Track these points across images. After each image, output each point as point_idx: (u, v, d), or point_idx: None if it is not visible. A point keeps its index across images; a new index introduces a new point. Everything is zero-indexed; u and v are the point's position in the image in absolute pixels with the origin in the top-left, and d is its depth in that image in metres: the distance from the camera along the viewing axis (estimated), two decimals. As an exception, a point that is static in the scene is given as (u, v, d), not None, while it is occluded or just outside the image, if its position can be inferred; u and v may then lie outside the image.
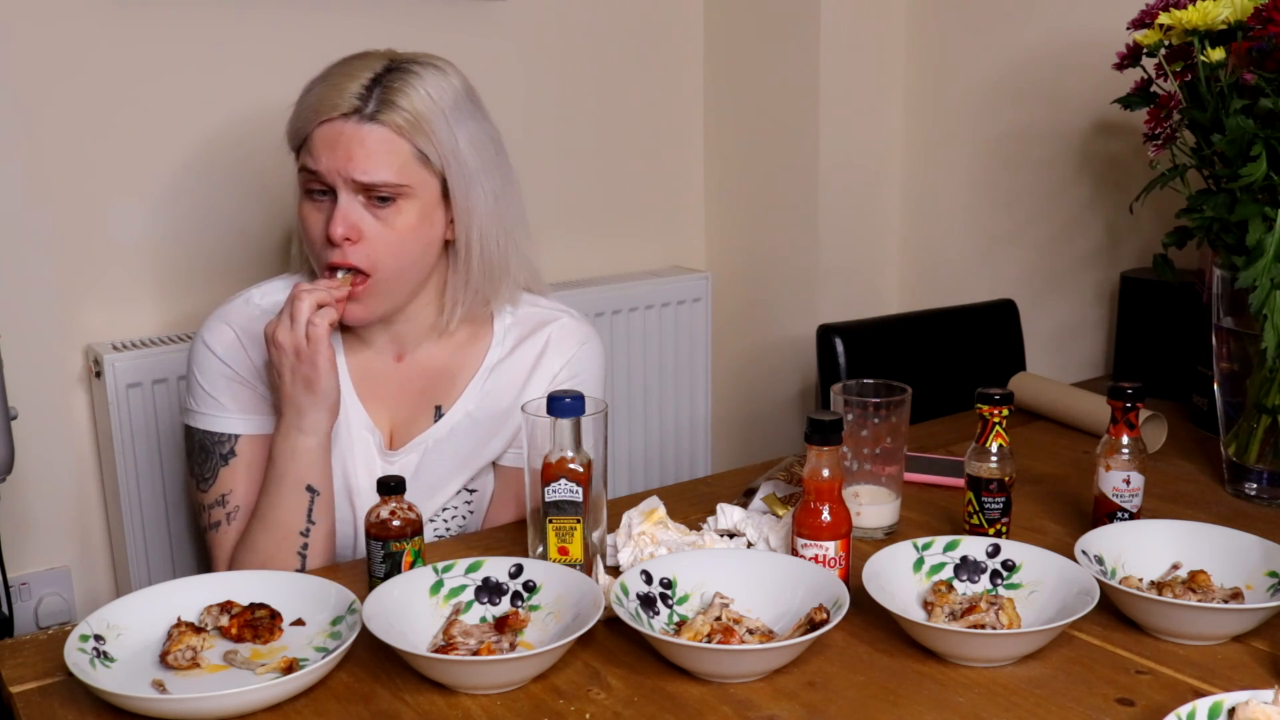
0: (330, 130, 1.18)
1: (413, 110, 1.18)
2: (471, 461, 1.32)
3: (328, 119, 1.18)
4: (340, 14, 1.84)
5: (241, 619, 1.00)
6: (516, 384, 1.31)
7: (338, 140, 1.17)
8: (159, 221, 1.77)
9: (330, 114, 1.18)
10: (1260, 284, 1.21)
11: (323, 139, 1.18)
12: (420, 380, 1.31)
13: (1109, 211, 1.91)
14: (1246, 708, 0.80)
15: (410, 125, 1.18)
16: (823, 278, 2.18)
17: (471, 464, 1.32)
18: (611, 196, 2.25)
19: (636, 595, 1.01)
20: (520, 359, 1.32)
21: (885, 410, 1.21)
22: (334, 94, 1.18)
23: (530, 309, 1.36)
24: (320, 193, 1.20)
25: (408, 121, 1.18)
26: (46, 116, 1.66)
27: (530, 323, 1.34)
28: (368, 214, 1.19)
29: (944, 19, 2.12)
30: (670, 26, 2.26)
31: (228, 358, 1.26)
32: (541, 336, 1.33)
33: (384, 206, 1.19)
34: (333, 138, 1.18)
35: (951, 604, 1.02)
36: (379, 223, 1.20)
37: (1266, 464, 1.31)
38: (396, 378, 1.31)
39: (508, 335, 1.34)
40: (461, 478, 1.32)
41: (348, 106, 1.17)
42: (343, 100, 1.17)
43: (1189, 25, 1.35)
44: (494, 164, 1.26)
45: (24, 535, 1.71)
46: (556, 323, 1.34)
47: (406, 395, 1.31)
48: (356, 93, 1.18)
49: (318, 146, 1.18)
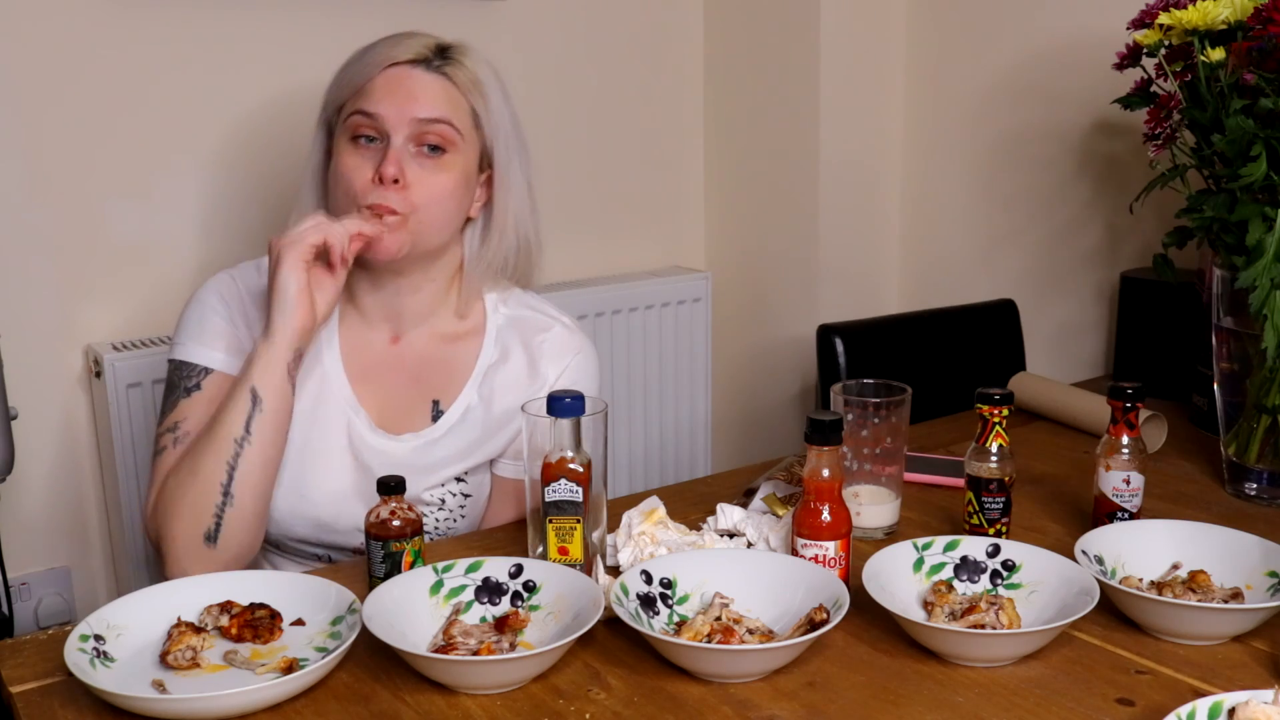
0: (395, 74, 1.22)
1: (476, 72, 1.26)
2: (466, 457, 1.32)
3: (394, 63, 1.23)
4: (341, 14, 1.84)
5: (241, 619, 1.00)
6: (512, 392, 1.31)
7: (402, 83, 1.22)
8: (159, 221, 1.77)
9: (399, 59, 1.23)
10: (1260, 284, 1.21)
11: (386, 83, 1.22)
12: (414, 367, 1.32)
13: (1109, 211, 1.91)
14: (1246, 708, 0.80)
15: (473, 85, 1.25)
16: (823, 278, 2.18)
17: (465, 459, 1.32)
18: (611, 196, 2.25)
19: (636, 595, 1.01)
20: (515, 366, 1.33)
21: (885, 410, 1.21)
22: (401, 47, 1.24)
23: (524, 311, 1.36)
24: (369, 139, 1.23)
25: (471, 81, 1.25)
26: (47, 116, 1.66)
27: (524, 328, 1.34)
28: (415, 163, 1.22)
29: (944, 19, 2.12)
30: (670, 27, 2.26)
31: (225, 298, 1.29)
32: (535, 345, 1.33)
33: (434, 156, 1.23)
34: (397, 81, 1.22)
35: (951, 604, 1.02)
36: (425, 171, 1.23)
37: (1266, 464, 1.31)
38: (390, 360, 1.31)
39: (500, 336, 1.34)
40: (454, 469, 1.31)
41: (416, 55, 1.23)
42: (409, 51, 1.23)
43: (1189, 25, 1.35)
44: (527, 154, 1.32)
45: (24, 535, 1.71)
46: (550, 332, 1.34)
47: (399, 379, 1.31)
48: (426, 46, 1.24)
49: (379, 90, 1.22)
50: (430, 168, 1.23)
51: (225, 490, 1.16)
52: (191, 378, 1.25)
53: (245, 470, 1.17)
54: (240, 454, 1.16)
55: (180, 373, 1.26)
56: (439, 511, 1.32)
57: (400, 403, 1.31)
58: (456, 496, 1.33)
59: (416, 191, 1.22)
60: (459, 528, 1.34)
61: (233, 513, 1.17)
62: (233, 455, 1.16)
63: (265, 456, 1.18)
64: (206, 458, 1.16)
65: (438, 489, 1.31)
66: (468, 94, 1.25)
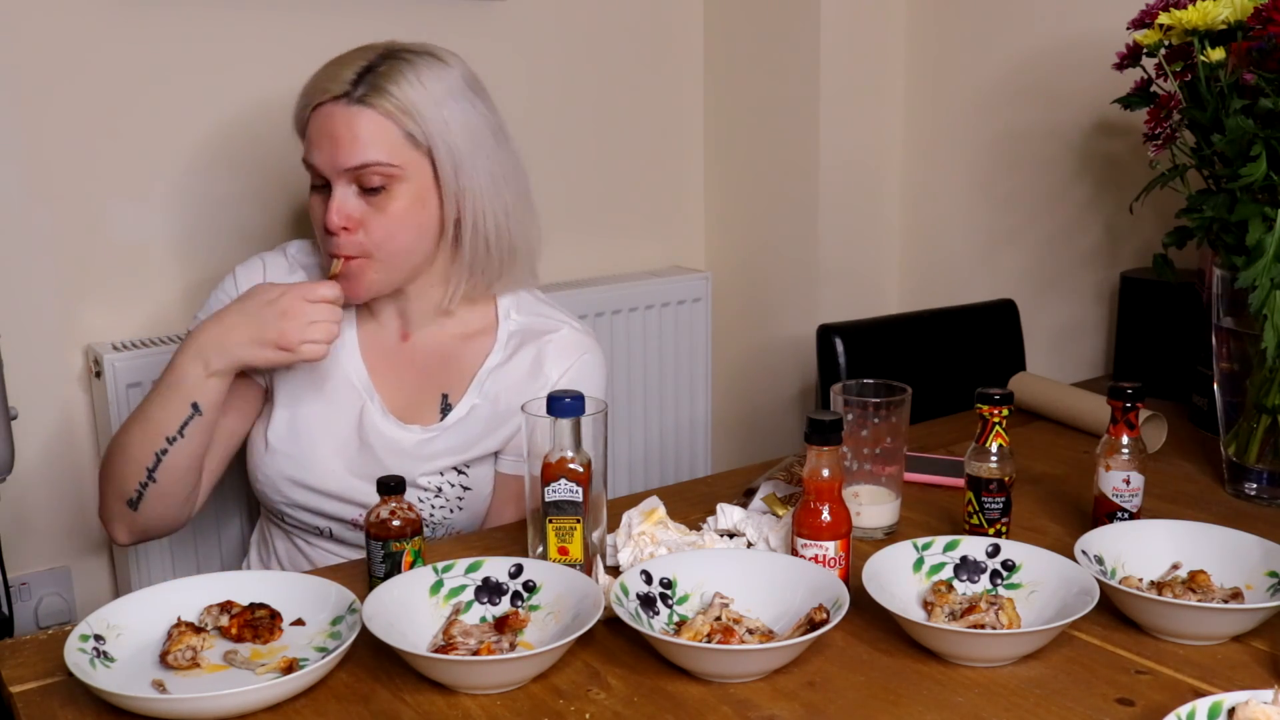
0: (322, 115, 1.23)
1: (400, 95, 1.22)
2: (467, 450, 1.34)
3: (320, 103, 1.23)
4: (341, 14, 1.84)
5: (241, 619, 1.00)
6: (515, 389, 1.32)
7: (326, 128, 1.23)
8: (159, 221, 1.77)
9: (322, 97, 1.23)
10: (1260, 284, 1.21)
11: (316, 126, 1.24)
12: (425, 361, 1.35)
13: (1109, 211, 1.91)
14: (1246, 708, 0.80)
15: (397, 109, 1.22)
16: (823, 278, 2.18)
17: (466, 452, 1.34)
18: (611, 196, 2.25)
19: (636, 595, 1.01)
20: (519, 364, 1.34)
21: (885, 410, 1.21)
22: (326, 79, 1.24)
23: (534, 317, 1.37)
24: (321, 186, 1.26)
25: (395, 105, 1.22)
26: (47, 116, 1.66)
27: (533, 331, 1.36)
28: (361, 202, 1.24)
29: (944, 19, 2.12)
30: (670, 26, 2.26)
31: (246, 284, 1.32)
32: (541, 345, 1.34)
33: (376, 195, 1.24)
34: (324, 126, 1.23)
35: (951, 604, 1.02)
36: (373, 209, 1.24)
37: (1266, 464, 1.31)
38: (402, 355, 1.35)
39: (511, 340, 1.35)
40: (453, 460, 1.33)
41: (338, 90, 1.22)
42: (334, 85, 1.23)
43: (1189, 25, 1.35)
44: (492, 150, 1.29)
45: (24, 535, 1.71)
46: (558, 333, 1.35)
47: (411, 374, 1.35)
48: (349, 78, 1.23)
49: (313, 136, 1.24)
50: (378, 204, 1.24)
51: (149, 472, 1.23)
52: None
53: (170, 463, 1.23)
54: (168, 450, 1.23)
55: None
56: (435, 499, 1.33)
57: (411, 394, 1.34)
58: (455, 487, 1.34)
59: (371, 231, 1.24)
60: (456, 520, 1.35)
61: (154, 489, 1.24)
62: (160, 449, 1.22)
63: (191, 451, 1.24)
64: (135, 440, 1.23)
65: (435, 477, 1.33)
66: (397, 119, 1.22)
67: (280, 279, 1.33)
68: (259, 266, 1.36)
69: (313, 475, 1.31)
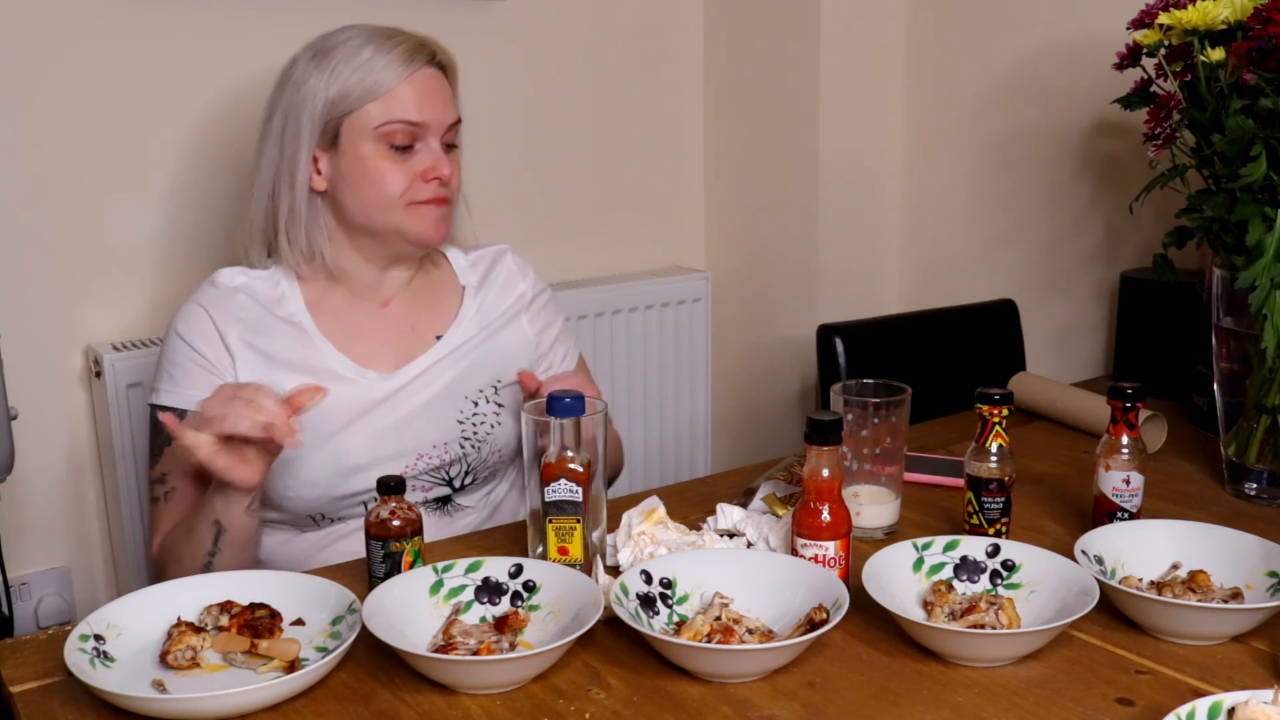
0: (426, 77, 1.30)
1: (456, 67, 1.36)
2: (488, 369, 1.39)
3: (417, 69, 1.29)
4: (340, 13, 1.83)
5: (241, 619, 1.00)
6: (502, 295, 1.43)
7: (433, 85, 1.30)
8: (158, 221, 1.77)
9: (420, 64, 1.29)
10: (1260, 284, 1.21)
11: (419, 88, 1.29)
12: (406, 318, 1.39)
13: (1109, 211, 1.91)
14: (1246, 708, 0.80)
15: (454, 72, 1.35)
16: (823, 278, 2.18)
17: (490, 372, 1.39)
18: (611, 196, 2.25)
19: (636, 595, 1.01)
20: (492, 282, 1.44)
21: (885, 410, 1.21)
22: (413, 49, 1.30)
23: (472, 252, 1.48)
24: (404, 148, 1.29)
25: (454, 68, 1.35)
26: (46, 116, 1.66)
27: (482, 258, 1.47)
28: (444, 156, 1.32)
29: (944, 19, 2.12)
30: (670, 26, 2.26)
31: (189, 335, 1.30)
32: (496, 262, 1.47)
33: (451, 151, 1.34)
34: (429, 84, 1.30)
35: (951, 604, 1.02)
36: (453, 163, 1.34)
37: (1266, 464, 1.31)
38: (383, 321, 1.38)
39: (472, 270, 1.45)
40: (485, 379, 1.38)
41: (427, 57, 1.30)
42: (422, 52, 1.30)
43: (1189, 25, 1.35)
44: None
45: (24, 535, 1.71)
46: (503, 252, 1.48)
47: (396, 332, 1.38)
48: (430, 49, 1.31)
49: (410, 99, 1.28)
50: (454, 160, 1.35)
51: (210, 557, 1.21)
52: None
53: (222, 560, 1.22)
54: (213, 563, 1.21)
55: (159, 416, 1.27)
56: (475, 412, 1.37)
57: (404, 346, 1.37)
58: (490, 404, 1.38)
59: (453, 180, 1.34)
60: (496, 436, 1.37)
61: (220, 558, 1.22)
62: (205, 565, 1.21)
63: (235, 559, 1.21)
64: (190, 557, 1.22)
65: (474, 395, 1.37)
66: (454, 82, 1.35)
67: (226, 312, 1.30)
68: (200, 316, 1.31)
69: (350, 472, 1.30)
